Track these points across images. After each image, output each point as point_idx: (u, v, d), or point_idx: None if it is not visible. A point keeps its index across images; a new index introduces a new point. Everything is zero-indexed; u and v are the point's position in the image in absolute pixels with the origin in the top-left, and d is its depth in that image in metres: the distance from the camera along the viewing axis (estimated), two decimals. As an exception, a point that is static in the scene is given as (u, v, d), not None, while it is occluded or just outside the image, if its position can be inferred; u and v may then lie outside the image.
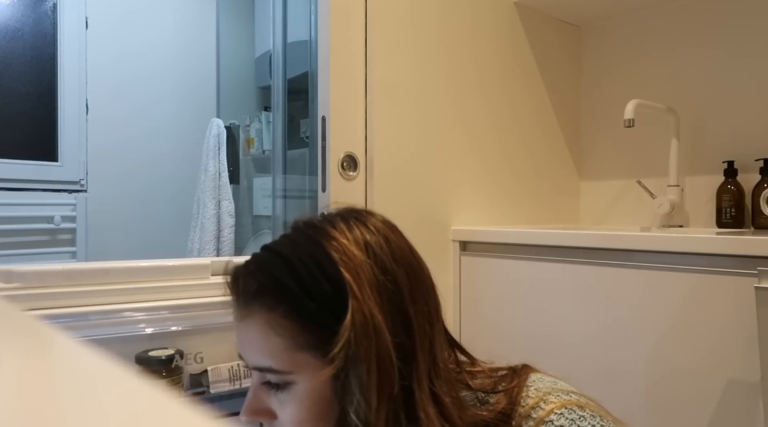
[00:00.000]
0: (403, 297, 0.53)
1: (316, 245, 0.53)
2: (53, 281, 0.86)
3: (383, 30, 1.35)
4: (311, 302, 0.51)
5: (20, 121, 2.07)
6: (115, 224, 2.20)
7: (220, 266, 1.03)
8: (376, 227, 0.55)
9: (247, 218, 2.36)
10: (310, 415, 0.52)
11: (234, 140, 2.33)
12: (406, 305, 0.53)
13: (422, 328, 0.53)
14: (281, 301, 0.52)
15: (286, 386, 0.53)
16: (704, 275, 1.03)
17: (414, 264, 0.56)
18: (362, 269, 0.51)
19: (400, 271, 0.53)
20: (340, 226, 0.54)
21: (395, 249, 0.55)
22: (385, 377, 0.50)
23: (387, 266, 0.53)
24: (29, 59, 2.08)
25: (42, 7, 2.11)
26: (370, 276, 0.52)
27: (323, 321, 0.51)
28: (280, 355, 0.52)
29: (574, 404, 0.54)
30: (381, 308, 0.51)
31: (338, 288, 0.51)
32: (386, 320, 0.51)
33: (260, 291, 0.53)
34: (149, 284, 0.93)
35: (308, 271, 0.51)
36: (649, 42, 1.71)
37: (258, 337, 0.53)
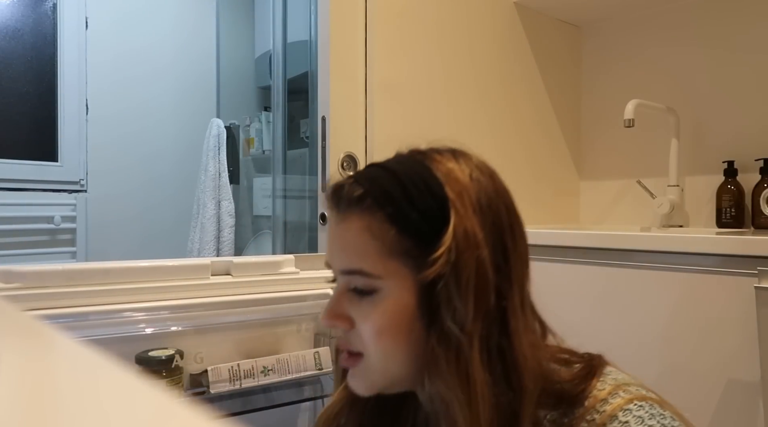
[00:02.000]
0: (503, 229, 0.53)
1: (421, 164, 0.54)
2: (53, 281, 0.86)
3: (383, 30, 1.35)
4: (413, 212, 0.51)
5: (20, 121, 2.07)
6: (115, 223, 2.20)
7: (220, 266, 1.03)
8: (479, 162, 0.56)
9: (247, 218, 2.36)
10: (391, 324, 0.52)
11: (234, 140, 2.33)
12: (505, 237, 0.53)
13: (517, 264, 0.54)
14: (383, 206, 0.52)
15: (371, 292, 0.53)
16: (704, 275, 1.03)
17: (512, 204, 0.56)
18: (466, 192, 0.52)
19: (501, 205, 0.54)
20: (446, 154, 0.56)
21: (497, 184, 0.55)
22: (483, 288, 0.51)
23: (491, 196, 0.54)
24: (29, 59, 2.08)
25: (42, 7, 2.11)
26: (473, 200, 0.52)
27: (422, 231, 0.51)
28: (373, 259, 0.52)
29: (655, 401, 0.52)
30: (484, 229, 0.52)
31: (441, 204, 0.51)
32: (489, 243, 0.52)
33: (364, 196, 0.53)
34: (149, 284, 0.93)
35: (413, 183, 0.52)
36: (649, 42, 1.71)
37: (354, 240, 0.53)
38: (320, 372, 1.04)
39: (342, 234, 0.54)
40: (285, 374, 1.00)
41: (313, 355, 1.04)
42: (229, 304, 1.00)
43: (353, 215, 0.53)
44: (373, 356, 0.53)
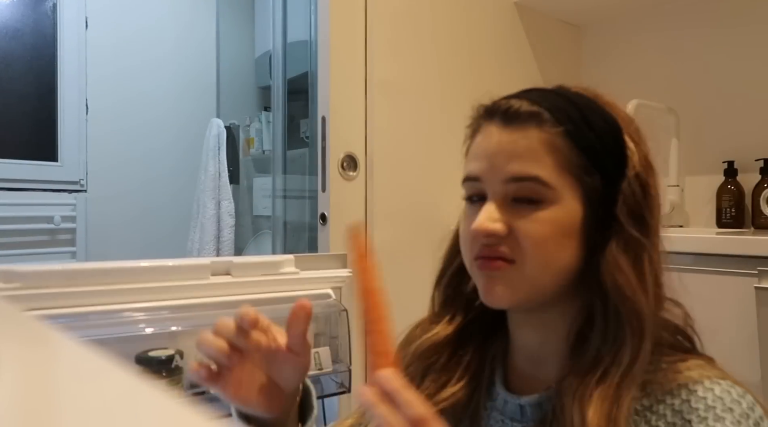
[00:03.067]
0: (650, 160, 0.57)
1: (585, 96, 0.59)
2: (53, 281, 0.86)
3: (383, 30, 1.35)
4: (590, 132, 0.54)
5: (20, 121, 2.07)
6: (115, 223, 2.20)
7: (220, 266, 1.03)
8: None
9: (247, 218, 2.36)
10: (556, 233, 0.54)
11: (234, 140, 2.33)
12: (650, 168, 0.57)
13: (656, 197, 0.57)
14: (561, 123, 0.54)
15: (540, 202, 0.54)
16: (704, 275, 1.03)
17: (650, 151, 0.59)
18: (631, 123, 0.58)
19: (643, 140, 0.58)
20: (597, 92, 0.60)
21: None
22: (659, 208, 0.56)
23: (640, 132, 0.58)
24: (29, 59, 2.08)
25: (42, 7, 2.11)
26: (638, 131, 0.58)
27: (598, 152, 0.54)
28: (550, 170, 0.53)
29: (747, 391, 0.52)
30: (652, 155, 0.57)
31: (614, 129, 0.56)
32: (654, 166, 0.57)
33: (540, 113, 0.55)
34: (149, 284, 0.93)
35: (588, 106, 0.56)
36: (649, 42, 1.71)
37: (529, 150, 0.54)
38: (320, 372, 1.04)
39: (515, 142, 0.55)
40: (285, 374, 0.99)
41: (313, 355, 1.04)
42: (229, 304, 1.00)
43: (530, 128, 0.54)
44: (530, 264, 0.53)
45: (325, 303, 1.12)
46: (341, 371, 1.07)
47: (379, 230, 1.32)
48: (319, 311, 1.11)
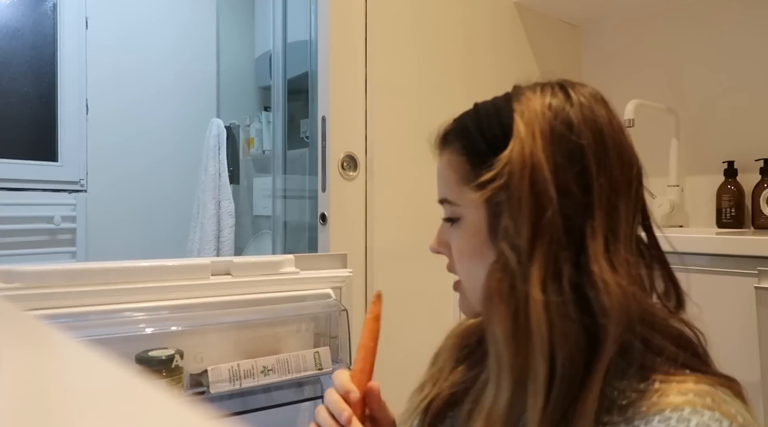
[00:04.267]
0: (585, 154, 0.52)
1: (505, 98, 0.58)
2: (53, 281, 0.86)
3: (383, 30, 1.35)
4: (482, 142, 0.56)
5: (20, 121, 2.07)
6: (115, 224, 2.20)
7: (220, 266, 1.03)
8: (579, 93, 0.56)
9: (247, 218, 2.36)
10: (467, 246, 0.57)
11: (234, 140, 2.33)
12: (587, 162, 0.52)
13: (604, 190, 0.52)
14: (460, 139, 0.58)
15: (456, 220, 0.58)
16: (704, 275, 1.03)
17: (608, 133, 0.55)
18: (537, 119, 0.54)
19: (587, 131, 0.53)
20: (538, 88, 0.57)
21: (587, 113, 0.55)
22: (540, 210, 0.51)
23: (572, 123, 0.53)
24: (29, 59, 2.08)
25: (42, 7, 2.11)
26: (545, 126, 0.53)
27: (486, 157, 0.54)
28: (453, 188, 0.58)
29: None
30: (547, 153, 0.52)
31: (506, 131, 0.54)
32: (552, 164, 0.51)
33: (447, 134, 0.60)
34: (149, 284, 0.93)
35: (487, 116, 0.57)
36: (649, 42, 1.71)
37: (442, 172, 0.60)
38: (320, 372, 1.04)
39: (439, 167, 0.61)
40: (285, 374, 1.00)
41: (313, 355, 1.04)
42: (229, 304, 1.00)
43: (444, 151, 0.60)
44: (462, 278, 0.59)
45: (325, 303, 1.12)
46: (341, 371, 1.07)
47: (379, 229, 1.32)
48: (319, 311, 1.11)
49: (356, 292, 1.27)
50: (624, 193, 0.54)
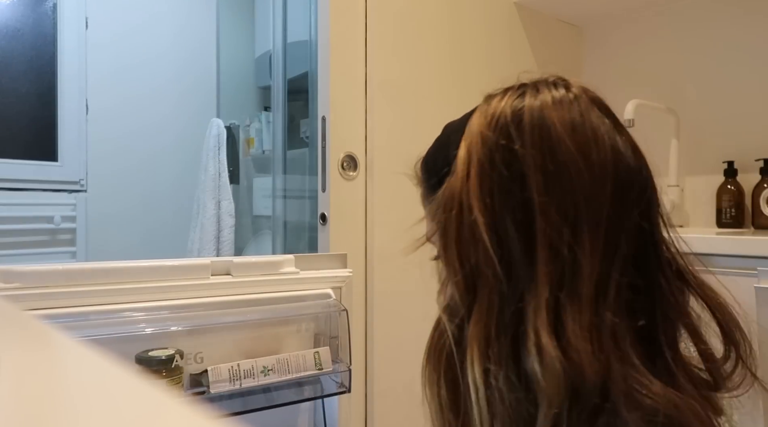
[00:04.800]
0: (526, 183, 0.44)
1: (465, 117, 0.54)
2: (53, 281, 0.86)
3: (383, 30, 1.35)
4: (434, 176, 0.53)
5: (20, 121, 2.07)
6: (115, 223, 2.20)
7: (220, 266, 1.03)
8: (543, 99, 0.47)
9: (247, 218, 2.36)
10: (438, 281, 0.54)
11: (234, 140, 2.33)
12: (528, 193, 0.43)
13: (551, 227, 0.42)
14: (422, 172, 0.58)
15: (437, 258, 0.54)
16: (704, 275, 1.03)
17: (564, 150, 0.44)
18: (476, 146, 0.47)
19: (530, 152, 0.44)
20: (503, 96, 0.51)
21: (539, 123, 0.45)
22: (472, 264, 0.44)
23: (513, 144, 0.45)
24: (29, 59, 2.08)
25: (42, 7, 2.11)
26: (483, 154, 0.46)
27: (435, 195, 0.52)
28: (425, 223, 0.57)
29: None
30: (483, 188, 0.45)
31: (451, 164, 0.50)
32: (483, 204, 0.44)
33: (418, 164, 0.59)
34: (149, 284, 0.93)
35: (438, 145, 0.56)
36: (649, 42, 1.71)
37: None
38: (320, 372, 1.04)
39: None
40: (285, 374, 1.00)
41: (313, 355, 1.04)
42: (229, 304, 1.00)
43: (418, 182, 0.59)
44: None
45: (325, 303, 1.12)
46: (341, 371, 1.07)
47: (379, 229, 1.32)
48: (319, 311, 1.11)
49: (356, 292, 1.27)
50: (594, 228, 0.43)
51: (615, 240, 0.44)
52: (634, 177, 0.46)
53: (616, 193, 0.44)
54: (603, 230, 0.43)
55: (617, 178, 0.44)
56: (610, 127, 0.48)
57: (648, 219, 0.46)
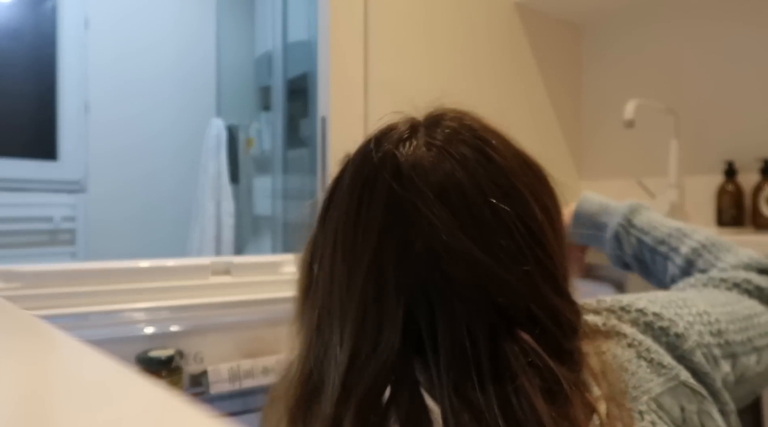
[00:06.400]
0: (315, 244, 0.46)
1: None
2: (53, 281, 0.86)
3: (383, 30, 1.35)
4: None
5: (20, 121, 2.07)
6: (115, 223, 2.20)
7: (220, 266, 1.03)
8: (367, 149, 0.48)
9: (247, 218, 2.36)
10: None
11: (234, 140, 2.33)
12: (314, 253, 0.46)
13: (320, 298, 0.44)
14: None
15: None
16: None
17: (347, 246, 0.43)
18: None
19: (329, 242, 0.45)
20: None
21: (340, 177, 0.46)
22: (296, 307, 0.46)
23: (329, 206, 0.47)
24: (29, 59, 2.08)
25: (42, 7, 2.11)
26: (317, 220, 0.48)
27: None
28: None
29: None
30: (305, 272, 0.47)
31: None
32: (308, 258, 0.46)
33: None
34: (149, 284, 0.93)
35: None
36: (650, 42, 1.71)
37: None
38: (320, 372, 1.04)
39: None
40: (285, 374, 1.00)
41: (313, 355, 1.04)
42: (229, 304, 1.00)
43: None
44: None
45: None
46: (341, 371, 1.07)
47: (379, 230, 1.32)
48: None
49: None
50: (350, 312, 0.42)
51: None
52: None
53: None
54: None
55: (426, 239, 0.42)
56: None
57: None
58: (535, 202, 0.45)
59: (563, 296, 0.44)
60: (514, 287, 0.41)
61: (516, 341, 0.40)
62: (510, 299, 0.41)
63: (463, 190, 0.42)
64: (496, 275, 0.40)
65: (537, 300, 0.41)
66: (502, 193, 0.43)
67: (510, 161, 0.46)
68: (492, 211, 0.42)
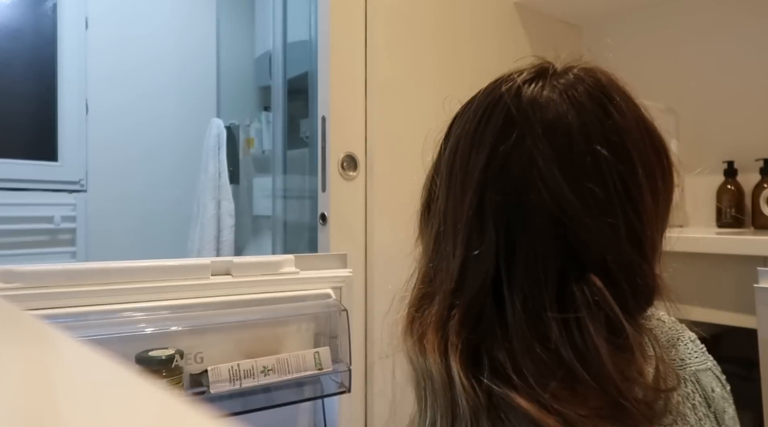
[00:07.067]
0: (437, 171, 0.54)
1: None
2: (53, 281, 0.86)
3: (383, 30, 1.35)
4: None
5: (20, 121, 2.07)
6: (115, 223, 2.20)
7: (220, 265, 1.03)
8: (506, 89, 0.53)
9: (247, 218, 2.36)
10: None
11: (234, 140, 2.33)
12: (443, 178, 0.53)
13: (441, 220, 0.51)
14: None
15: None
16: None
17: (464, 155, 0.50)
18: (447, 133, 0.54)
19: (451, 151, 0.53)
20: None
21: (468, 123, 0.53)
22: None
23: (449, 135, 0.55)
24: (29, 59, 2.08)
25: (42, 7, 2.11)
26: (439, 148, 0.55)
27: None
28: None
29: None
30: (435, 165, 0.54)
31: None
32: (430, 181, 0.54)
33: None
34: (149, 283, 0.93)
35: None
36: (649, 42, 1.71)
37: None
38: (320, 372, 1.04)
39: None
40: (285, 374, 1.00)
41: (313, 355, 1.04)
42: (229, 304, 1.00)
43: None
44: None
45: (325, 303, 1.12)
46: (341, 371, 1.07)
47: (379, 229, 1.32)
48: (319, 311, 1.11)
49: (356, 292, 1.27)
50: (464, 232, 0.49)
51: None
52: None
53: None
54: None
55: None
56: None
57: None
58: (642, 167, 0.50)
59: (644, 260, 0.47)
60: (594, 234, 0.45)
61: (585, 281, 0.43)
62: (587, 244, 0.45)
63: (571, 132, 0.46)
64: (578, 217, 0.44)
65: (615, 254, 0.45)
66: (609, 146, 0.47)
67: (628, 122, 0.51)
68: (593, 158, 0.46)
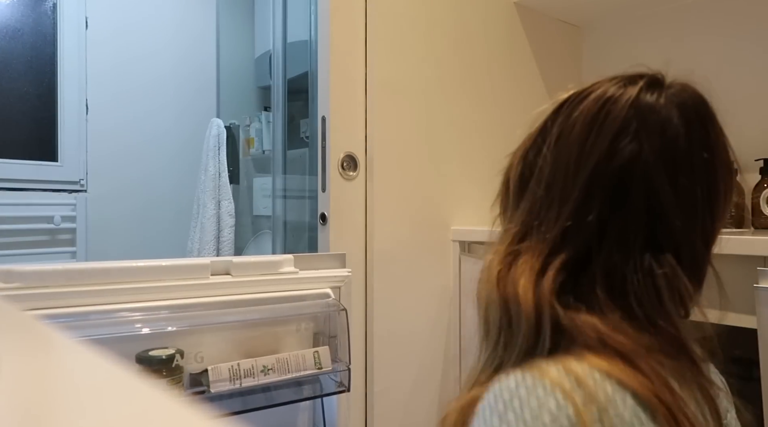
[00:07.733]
0: (541, 161, 0.58)
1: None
2: (53, 281, 0.86)
3: (383, 30, 1.35)
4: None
5: (20, 121, 2.07)
6: (115, 224, 2.20)
7: (220, 265, 1.04)
8: (598, 95, 0.57)
9: (247, 218, 2.36)
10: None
11: (234, 140, 2.33)
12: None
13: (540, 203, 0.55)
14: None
15: None
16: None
17: (582, 138, 0.54)
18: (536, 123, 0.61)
19: (566, 132, 0.56)
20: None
21: (570, 124, 0.57)
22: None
23: (545, 131, 0.59)
24: (29, 59, 2.08)
25: (42, 7, 2.11)
26: (532, 133, 0.61)
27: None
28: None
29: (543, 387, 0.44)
30: (522, 157, 0.60)
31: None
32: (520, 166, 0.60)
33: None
34: (149, 283, 0.93)
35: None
36: (649, 42, 1.71)
37: None
38: (320, 371, 1.04)
39: None
40: (285, 374, 1.00)
41: (313, 354, 1.04)
42: (228, 304, 1.00)
43: None
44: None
45: (324, 303, 1.12)
46: (341, 370, 1.08)
47: (379, 229, 1.32)
48: (318, 311, 1.11)
49: (356, 292, 1.27)
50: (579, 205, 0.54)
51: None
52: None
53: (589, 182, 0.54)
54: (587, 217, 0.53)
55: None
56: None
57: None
58: (722, 180, 0.55)
59: (708, 255, 0.55)
60: (678, 225, 0.51)
61: (664, 258, 0.51)
62: (671, 232, 0.51)
63: (678, 136, 0.54)
64: (671, 207, 0.51)
65: (687, 247, 0.52)
66: (706, 155, 0.54)
67: (720, 140, 0.58)
68: (692, 162, 0.53)
